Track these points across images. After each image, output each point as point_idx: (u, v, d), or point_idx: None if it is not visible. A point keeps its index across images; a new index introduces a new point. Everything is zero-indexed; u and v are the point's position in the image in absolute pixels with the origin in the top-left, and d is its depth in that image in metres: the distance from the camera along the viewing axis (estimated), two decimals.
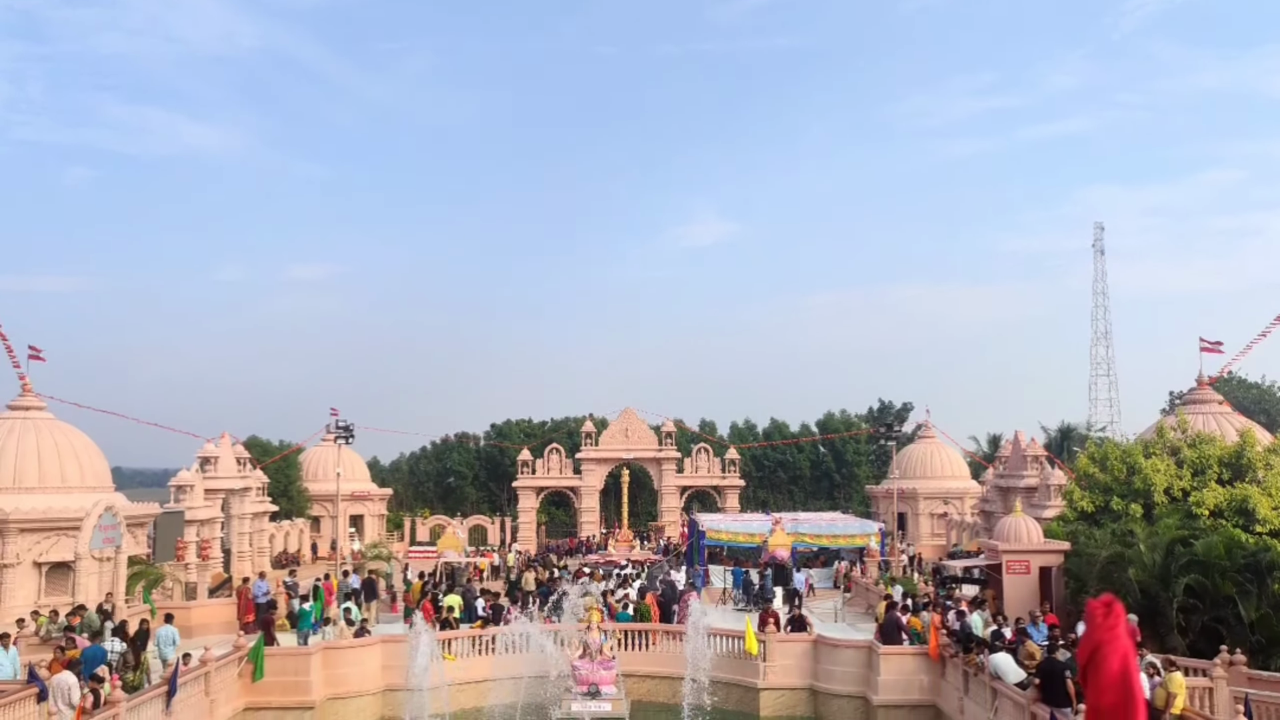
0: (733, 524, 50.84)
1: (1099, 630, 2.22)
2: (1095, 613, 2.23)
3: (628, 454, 68.38)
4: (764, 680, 28.18)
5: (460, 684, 26.76)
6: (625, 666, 28.78)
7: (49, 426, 35.38)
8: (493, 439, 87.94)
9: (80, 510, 32.16)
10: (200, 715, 24.09)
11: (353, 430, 53.72)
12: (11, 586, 31.30)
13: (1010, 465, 51.98)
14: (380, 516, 67.21)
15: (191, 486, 43.92)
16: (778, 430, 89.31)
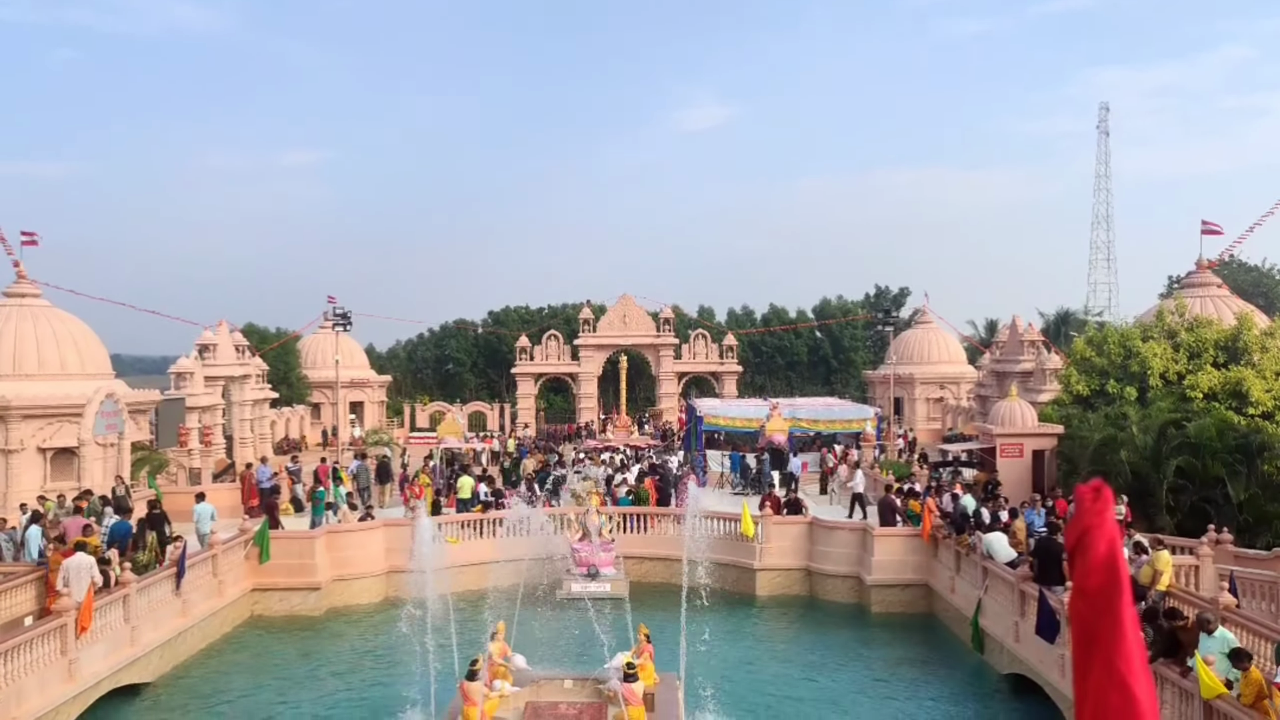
0: (730, 409, 51.22)
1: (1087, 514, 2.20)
2: (1084, 497, 2.22)
3: (625, 340, 68.50)
4: (760, 561, 28.80)
5: (462, 566, 27.35)
6: (624, 549, 29.39)
7: (46, 314, 35.28)
8: (490, 326, 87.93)
9: (82, 397, 32.34)
10: (209, 596, 24.70)
11: (350, 317, 53.68)
12: (17, 472, 31.67)
13: (1007, 350, 52.17)
14: (380, 403, 67.69)
15: (191, 374, 44.09)
16: (776, 316, 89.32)
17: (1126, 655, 2.16)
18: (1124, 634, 2.17)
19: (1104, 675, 2.17)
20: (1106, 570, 2.19)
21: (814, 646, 24.58)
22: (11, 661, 16.87)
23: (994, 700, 20.56)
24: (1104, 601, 2.18)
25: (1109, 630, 2.18)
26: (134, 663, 20.62)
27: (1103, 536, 2.20)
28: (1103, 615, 2.18)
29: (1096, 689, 2.18)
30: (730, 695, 19.15)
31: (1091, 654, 2.20)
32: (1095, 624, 2.20)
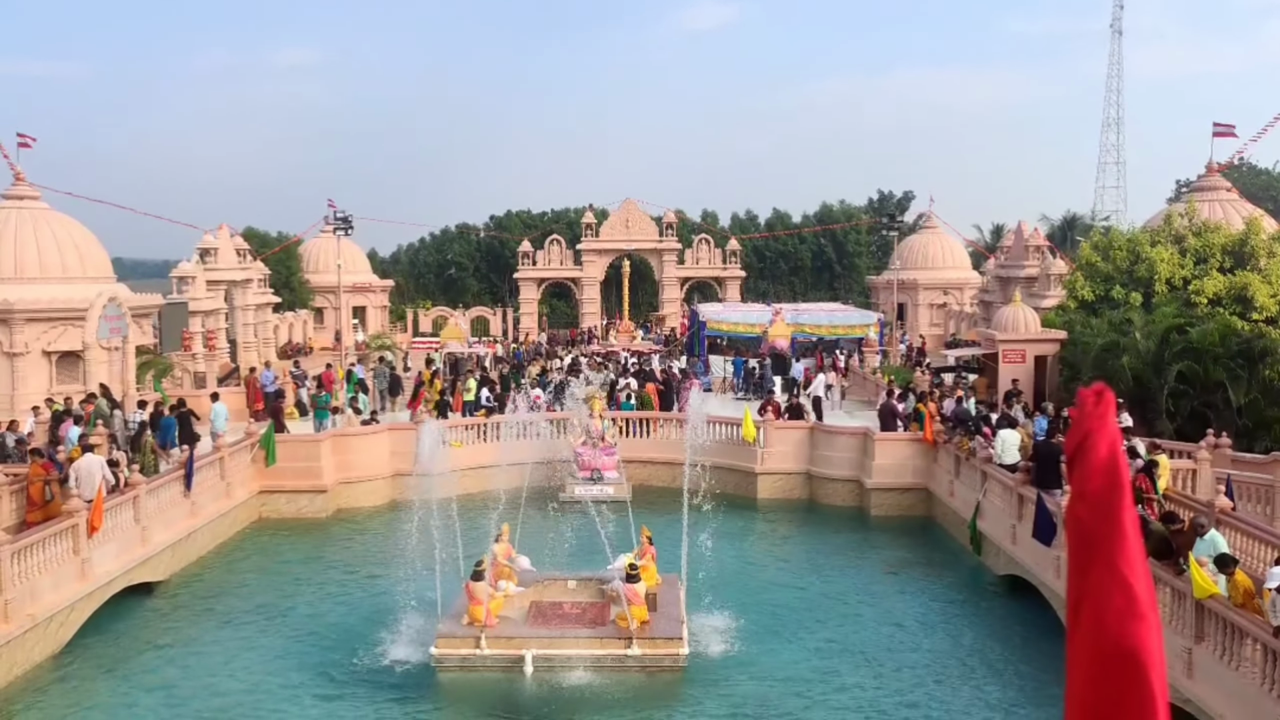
0: (733, 314, 51.22)
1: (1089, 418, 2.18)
2: (1086, 400, 2.20)
3: (628, 245, 68.09)
4: (761, 465, 29.09)
5: (466, 470, 27.64)
6: (626, 453, 29.67)
7: (45, 217, 35.04)
8: (492, 230, 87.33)
9: (84, 301, 32.33)
10: (217, 498, 25.04)
11: (351, 221, 53.31)
12: (24, 374, 31.85)
13: (1011, 255, 51.86)
14: (382, 308, 67.64)
15: (193, 278, 44.00)
16: (779, 221, 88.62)
17: (1128, 556, 2.17)
18: (1125, 535, 2.17)
19: (1106, 575, 2.17)
20: (1107, 473, 2.18)
21: (815, 549, 24.98)
22: (25, 560, 17.18)
23: (990, 600, 20.97)
24: (1105, 505, 2.18)
25: (1110, 532, 2.18)
26: (145, 562, 21.00)
27: (1104, 440, 2.19)
28: (1104, 518, 2.18)
29: (1097, 589, 2.18)
30: (731, 595, 19.53)
31: (1093, 556, 2.20)
32: (1096, 527, 2.19)
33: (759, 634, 18.31)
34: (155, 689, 16.37)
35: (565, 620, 17.69)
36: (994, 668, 17.20)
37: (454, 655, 16.51)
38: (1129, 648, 2.14)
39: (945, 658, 17.60)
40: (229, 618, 19.68)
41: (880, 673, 16.91)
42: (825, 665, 17.21)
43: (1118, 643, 2.15)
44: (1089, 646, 2.21)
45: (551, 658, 16.39)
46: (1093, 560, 2.19)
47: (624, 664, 16.41)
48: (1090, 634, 2.20)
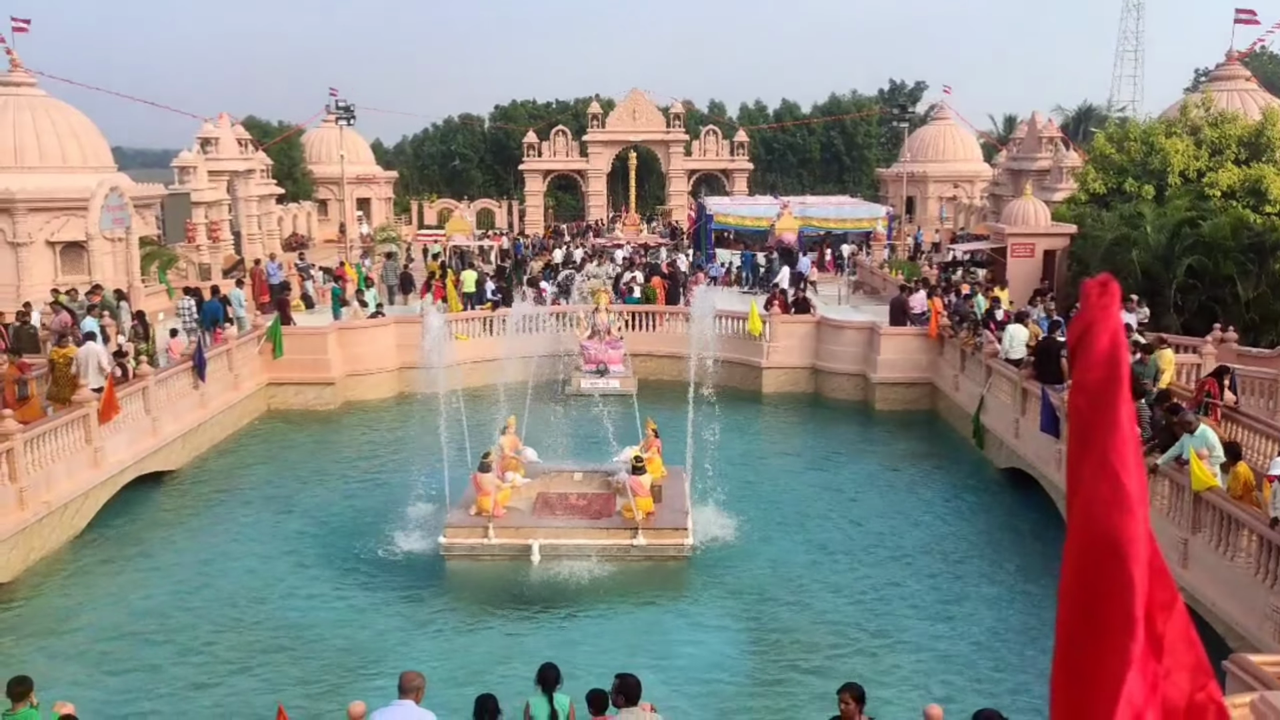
0: (740, 208, 50.78)
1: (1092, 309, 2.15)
2: (1090, 291, 2.16)
3: (635, 136, 67.08)
4: (767, 359, 29.17)
5: (473, 363, 27.76)
6: (632, 347, 29.74)
7: (44, 104, 34.50)
8: (497, 121, 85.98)
9: (86, 190, 32.04)
10: (226, 389, 25.24)
11: (353, 110, 52.52)
12: (28, 264, 31.79)
13: (1024, 147, 51.01)
14: (387, 200, 67.10)
15: (194, 168, 43.54)
16: (788, 112, 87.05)
17: (1120, 448, 2.16)
18: (1119, 427, 2.16)
19: (1097, 467, 2.17)
20: (1108, 365, 2.15)
21: (819, 442, 25.21)
22: (38, 449, 17.42)
23: (992, 492, 21.23)
24: (1103, 396, 2.16)
25: (1105, 424, 2.16)
26: (156, 452, 21.28)
27: (1105, 330, 2.16)
28: (1100, 409, 2.17)
29: (1089, 480, 2.18)
30: (736, 487, 19.79)
31: (1086, 447, 2.19)
32: (1092, 418, 2.18)
33: (763, 525, 18.61)
34: (168, 574, 16.76)
35: (571, 511, 17.98)
36: (993, 558, 17.51)
37: (462, 544, 16.83)
38: (1112, 538, 2.15)
39: (946, 547, 17.90)
40: (239, 507, 20.03)
41: (880, 562, 17.23)
42: (827, 555, 17.53)
43: (1102, 532, 2.16)
44: (1076, 535, 2.22)
45: (558, 547, 16.70)
46: (1086, 451, 2.19)
47: (629, 554, 16.73)
48: (1078, 523, 2.22)
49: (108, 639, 14.42)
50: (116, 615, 15.20)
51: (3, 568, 16.01)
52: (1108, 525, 2.15)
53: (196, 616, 15.14)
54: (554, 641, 14.00)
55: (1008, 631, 14.71)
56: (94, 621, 15.01)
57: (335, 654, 13.95)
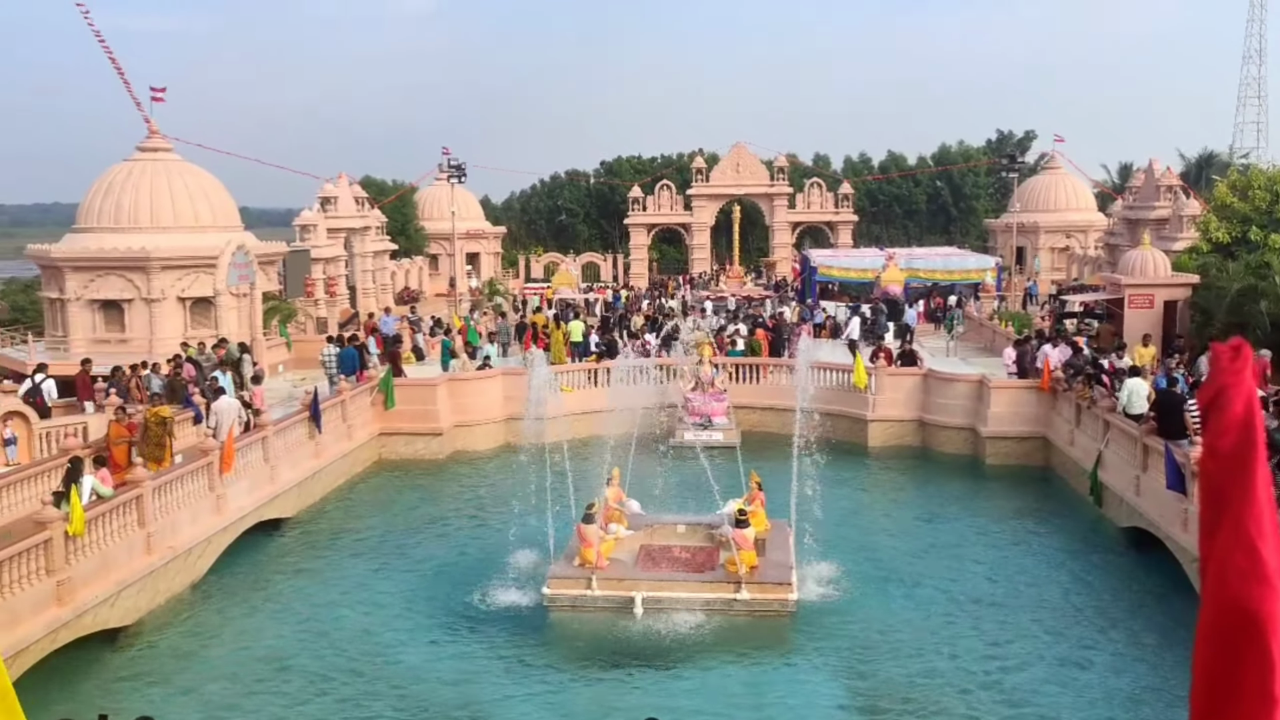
0: (845, 259, 50.46)
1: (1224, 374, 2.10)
2: (1221, 356, 2.11)
3: (739, 190, 67.35)
4: (873, 412, 28.75)
5: (577, 414, 28.00)
6: (736, 399, 29.65)
7: (178, 168, 36.44)
8: (603, 176, 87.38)
9: (215, 248, 33.62)
10: (340, 439, 25.96)
11: (465, 169, 53.95)
12: (160, 319, 33.40)
13: (1141, 196, 49.58)
14: (495, 254, 68.55)
15: (314, 226, 45.29)
16: (894, 163, 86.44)
17: (1256, 518, 2.08)
18: (1255, 496, 2.09)
19: (1231, 537, 2.10)
20: (1242, 430, 2.09)
21: (926, 497, 24.66)
22: (165, 496, 18.16)
23: (1112, 553, 20.40)
24: (1237, 462, 2.10)
25: (1240, 492, 2.10)
26: (274, 499, 21.98)
27: (1239, 395, 2.10)
28: (1234, 476, 2.10)
29: (1223, 550, 2.11)
30: (841, 542, 19.45)
31: (1220, 515, 2.13)
32: (1226, 485, 2.12)
33: (869, 582, 18.23)
34: (283, 620, 17.21)
35: (675, 564, 17.90)
36: (1114, 622, 16.78)
37: (565, 595, 16.88)
38: (1249, 612, 2.07)
39: (1062, 611, 17.24)
40: (350, 555, 20.51)
41: (992, 624, 16.68)
42: (936, 615, 17.05)
43: (1238, 605, 2.08)
44: (1210, 605, 2.15)
45: (661, 600, 16.63)
46: (1220, 519, 2.12)
47: (732, 608, 16.54)
48: (1211, 593, 2.14)
49: (225, 683, 14.86)
50: (234, 660, 15.67)
51: (129, 610, 16.65)
52: (1244, 598, 2.08)
53: (309, 663, 15.49)
54: (656, 696, 13.90)
55: (1129, 700, 14.05)
56: (212, 665, 15.49)
57: (441, 704, 14.10)
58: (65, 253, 34.13)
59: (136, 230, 34.13)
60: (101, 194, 35.25)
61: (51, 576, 15.01)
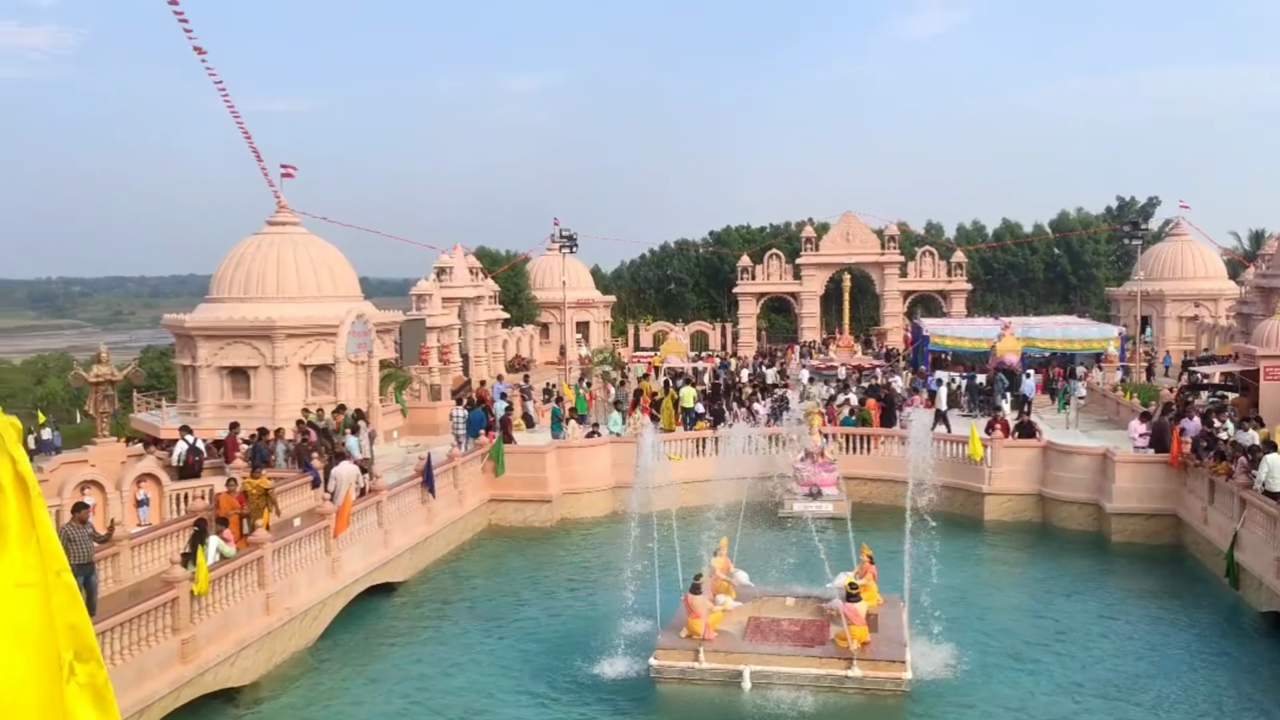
0: (959, 329, 49.55)
1: None
2: None
3: (849, 258, 67.00)
4: (989, 485, 27.91)
5: (685, 483, 27.88)
6: (846, 469, 29.14)
7: (304, 240, 38.07)
8: (712, 245, 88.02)
9: (336, 318, 34.90)
10: (451, 505, 26.35)
11: (576, 239, 54.99)
12: (283, 385, 34.65)
13: (1275, 263, 47.50)
14: (605, 323, 69.39)
15: (430, 295, 46.63)
16: (1009, 231, 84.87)
17: None
18: None
19: None
20: None
21: (1047, 575, 23.69)
22: (284, 558, 18.67)
23: (1251, 638, 19.21)
24: None
25: None
26: (387, 563, 22.37)
27: None
28: None
29: None
30: (957, 619, 18.81)
31: None
32: None
33: (986, 662, 17.54)
34: (394, 685, 17.40)
35: (783, 637, 17.53)
36: (1252, 712, 15.75)
37: (672, 667, 16.67)
38: None
39: (1195, 700, 16.26)
40: (459, 621, 20.68)
41: (1117, 711, 15.83)
42: (1057, 700, 16.27)
43: None
44: None
45: (769, 674, 16.27)
46: None
47: (843, 685, 16.09)
48: None
49: None
50: None
51: (248, 670, 17.07)
52: None
53: None
54: None
55: None
56: None
57: None
58: (198, 322, 35.81)
59: (263, 300, 35.67)
60: (233, 266, 37.01)
61: (177, 635, 15.51)
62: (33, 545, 3.15)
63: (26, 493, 3.13)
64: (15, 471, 3.09)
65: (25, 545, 3.13)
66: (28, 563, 3.14)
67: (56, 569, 3.22)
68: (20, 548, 3.12)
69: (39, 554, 3.17)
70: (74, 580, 3.32)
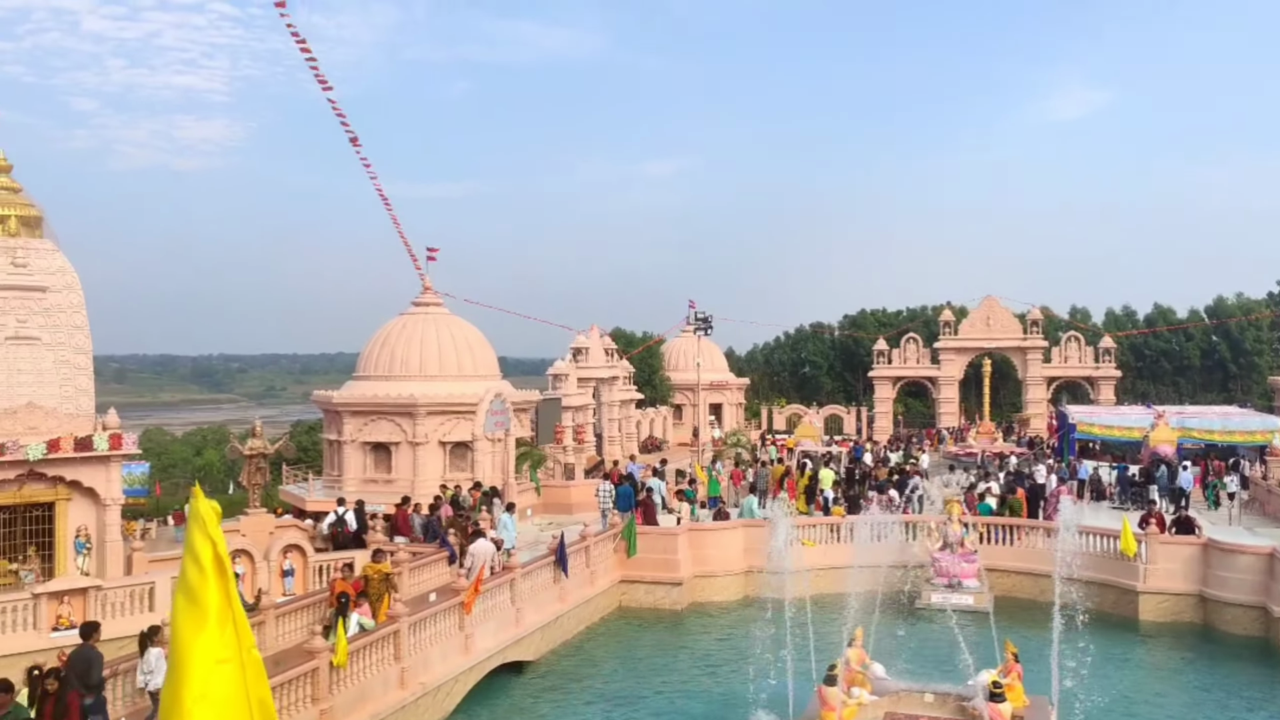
0: (1108, 417, 47.67)
1: None
2: None
3: (989, 343, 65.43)
4: (1144, 583, 26.43)
5: (819, 569, 27.29)
6: (987, 561, 28.06)
7: (446, 321, 39.44)
8: (847, 329, 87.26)
9: (475, 396, 35.86)
10: (583, 584, 26.40)
11: (711, 321, 55.26)
12: (423, 461, 35.65)
13: None
14: (738, 405, 69.18)
15: (566, 375, 47.44)
16: (1161, 316, 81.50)
17: None
18: None
19: None
20: None
21: (1209, 683, 22.13)
22: (420, 632, 18.98)
23: None
24: None
25: None
26: (518, 641, 22.49)
27: None
28: None
29: None
30: None
31: None
32: None
33: None
34: None
35: None
36: None
37: None
38: None
39: None
40: (589, 702, 20.55)
41: None
42: None
43: None
44: None
45: None
46: None
47: None
48: None
49: None
50: None
51: None
52: None
53: None
54: None
55: None
56: None
57: None
58: (344, 398, 37.27)
59: (407, 379, 36.95)
60: (379, 345, 38.55)
61: (316, 705, 15.88)
62: (229, 623, 3.34)
63: (224, 573, 3.33)
64: (215, 553, 3.30)
65: (223, 623, 3.32)
66: (226, 640, 3.32)
67: (249, 645, 3.40)
68: (219, 626, 3.31)
69: (235, 632, 3.35)
70: (259, 656, 3.49)
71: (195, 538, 3.36)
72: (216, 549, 3.37)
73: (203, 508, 3.35)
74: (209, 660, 3.34)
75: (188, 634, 3.33)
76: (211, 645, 3.35)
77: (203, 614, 3.33)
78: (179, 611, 3.36)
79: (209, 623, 3.36)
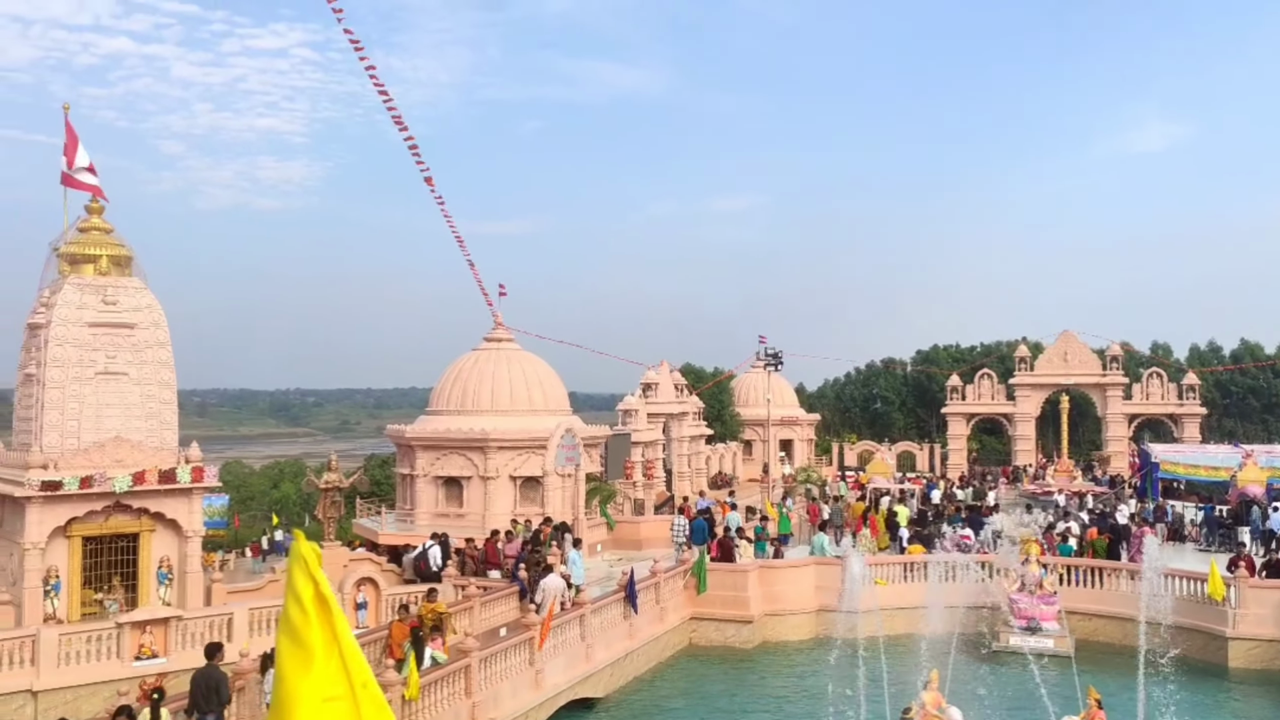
0: (1192, 456, 46.29)
1: None
2: None
3: (1067, 379, 64.02)
4: (1234, 629, 25.48)
5: (892, 609, 26.81)
6: (1068, 603, 27.34)
7: (517, 357, 39.82)
8: (919, 365, 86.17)
9: (545, 431, 36.06)
10: (652, 621, 26.28)
11: (781, 357, 55.03)
12: (494, 496, 35.90)
13: None
14: (809, 441, 68.53)
15: (636, 410, 47.51)
16: (1248, 352, 79.10)
17: None
18: None
19: None
20: None
21: None
22: (490, 667, 19.05)
23: None
24: None
25: None
26: (588, 678, 22.43)
27: None
28: None
29: None
30: None
31: None
32: None
33: None
34: None
35: None
36: None
37: None
38: None
39: None
40: None
41: None
42: None
43: None
44: None
45: None
46: None
47: None
48: None
49: None
50: None
51: None
52: None
53: None
54: None
55: None
56: None
57: None
58: (417, 433, 37.75)
59: (478, 414, 37.32)
60: (451, 380, 39.04)
61: None
62: (335, 659, 3.41)
63: (328, 611, 3.41)
64: (316, 591, 3.38)
65: (329, 660, 3.39)
66: (332, 677, 3.40)
67: (363, 680, 3.46)
68: (324, 663, 3.38)
69: (342, 668, 3.42)
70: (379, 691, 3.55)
71: (297, 578, 3.44)
72: (319, 588, 3.44)
73: (305, 549, 3.43)
74: (315, 699, 3.40)
75: (293, 676, 3.40)
76: (318, 684, 3.42)
77: (308, 654, 3.39)
78: (283, 652, 3.44)
79: (314, 662, 3.42)
